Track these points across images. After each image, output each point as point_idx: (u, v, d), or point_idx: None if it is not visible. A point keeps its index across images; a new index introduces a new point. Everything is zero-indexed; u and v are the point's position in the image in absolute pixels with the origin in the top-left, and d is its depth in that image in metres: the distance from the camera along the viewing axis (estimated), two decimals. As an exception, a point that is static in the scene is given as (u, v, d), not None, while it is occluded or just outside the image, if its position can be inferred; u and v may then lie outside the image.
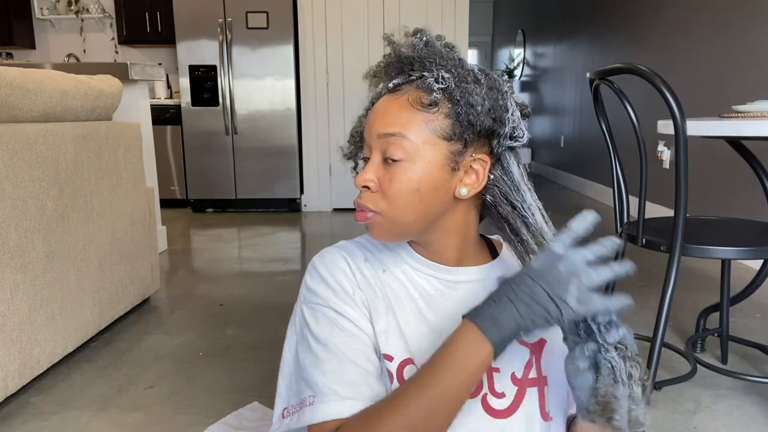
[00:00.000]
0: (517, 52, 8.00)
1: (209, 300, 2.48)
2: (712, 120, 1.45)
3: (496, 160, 0.76)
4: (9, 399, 1.60)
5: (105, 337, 2.06)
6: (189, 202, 4.78)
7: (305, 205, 4.77)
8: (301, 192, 4.76)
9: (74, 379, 1.75)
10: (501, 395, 0.77)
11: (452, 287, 0.80)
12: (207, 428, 1.33)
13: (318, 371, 0.73)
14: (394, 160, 0.72)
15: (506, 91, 0.75)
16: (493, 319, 0.66)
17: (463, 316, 0.69)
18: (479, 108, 0.71)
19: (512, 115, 0.74)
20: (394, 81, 0.75)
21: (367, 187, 0.74)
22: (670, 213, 1.48)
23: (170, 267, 3.06)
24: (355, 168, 0.84)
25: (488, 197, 0.78)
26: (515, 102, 0.76)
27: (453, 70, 0.73)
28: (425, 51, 0.74)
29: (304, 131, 4.67)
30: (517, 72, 8.01)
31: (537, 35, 7.24)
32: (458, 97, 0.71)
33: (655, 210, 3.74)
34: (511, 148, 0.77)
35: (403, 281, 0.80)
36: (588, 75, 1.60)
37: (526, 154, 7.68)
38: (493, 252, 0.86)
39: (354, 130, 0.83)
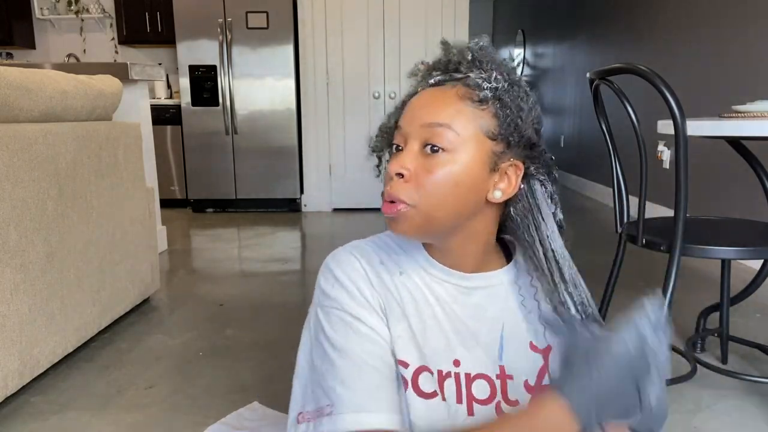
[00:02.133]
0: (517, 52, 8.00)
1: (209, 300, 2.48)
2: (712, 120, 1.45)
3: (526, 173, 0.76)
4: (9, 399, 1.59)
5: (105, 337, 2.05)
6: (189, 202, 4.77)
7: (305, 205, 4.77)
8: (301, 192, 4.76)
9: (74, 379, 1.75)
10: (515, 402, 0.76)
11: (467, 293, 0.78)
12: (207, 428, 1.33)
13: (334, 379, 0.71)
14: (436, 150, 0.69)
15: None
16: (592, 403, 0.60)
17: (553, 382, 0.65)
18: (526, 114, 0.72)
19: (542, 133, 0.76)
20: (438, 77, 0.74)
21: (401, 176, 0.70)
22: (670, 213, 1.48)
23: (170, 267, 3.06)
24: (378, 166, 0.82)
25: (512, 208, 0.77)
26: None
27: (505, 74, 0.73)
28: (480, 53, 0.74)
29: (304, 131, 4.67)
30: (517, 72, 8.01)
31: (537, 35, 7.24)
32: (508, 100, 0.71)
33: (655, 210, 3.74)
34: (539, 176, 0.77)
35: (419, 285, 0.78)
36: (588, 75, 1.60)
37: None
38: (507, 253, 0.85)
39: (384, 126, 0.80)
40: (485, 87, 0.70)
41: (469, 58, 0.73)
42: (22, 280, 1.58)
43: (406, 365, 0.74)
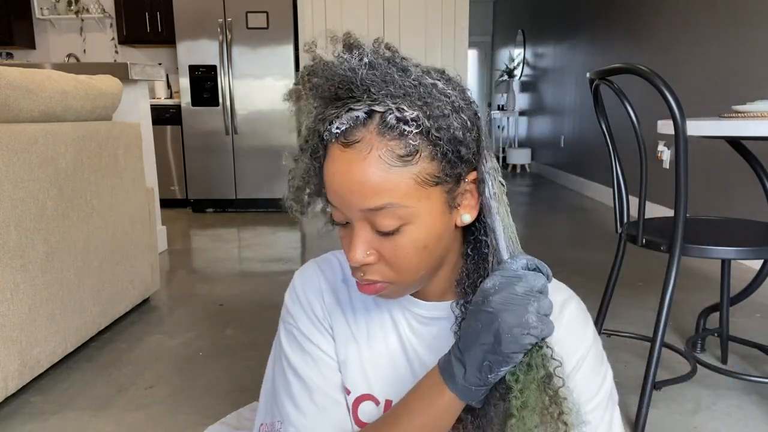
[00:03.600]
0: (517, 52, 8.00)
1: (209, 300, 2.48)
2: (712, 120, 1.45)
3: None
4: (9, 399, 1.59)
5: (105, 337, 2.05)
6: (189, 202, 4.77)
7: (305, 205, 4.76)
8: (301, 192, 4.75)
9: (74, 379, 1.75)
10: None
11: (426, 323, 0.73)
12: (207, 428, 1.33)
13: (287, 397, 0.72)
14: (392, 233, 0.60)
15: (471, 98, 0.64)
16: (450, 367, 0.60)
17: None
18: (465, 135, 0.60)
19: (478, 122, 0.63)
20: (341, 127, 0.58)
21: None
22: (670, 213, 1.48)
23: (170, 267, 3.06)
24: (328, 223, 0.69)
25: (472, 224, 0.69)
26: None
27: (418, 101, 0.58)
28: (369, 76, 0.58)
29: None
30: (517, 72, 8.01)
31: (537, 35, 7.24)
32: (437, 135, 0.58)
33: (655, 210, 3.74)
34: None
35: (380, 307, 0.74)
36: (588, 75, 1.60)
37: (526, 154, 7.68)
38: None
39: (294, 182, 0.68)
40: (407, 131, 0.57)
41: (361, 79, 0.58)
42: (22, 280, 1.58)
43: (348, 392, 0.73)
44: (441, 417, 0.62)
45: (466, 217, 0.65)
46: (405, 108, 0.57)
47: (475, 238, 0.68)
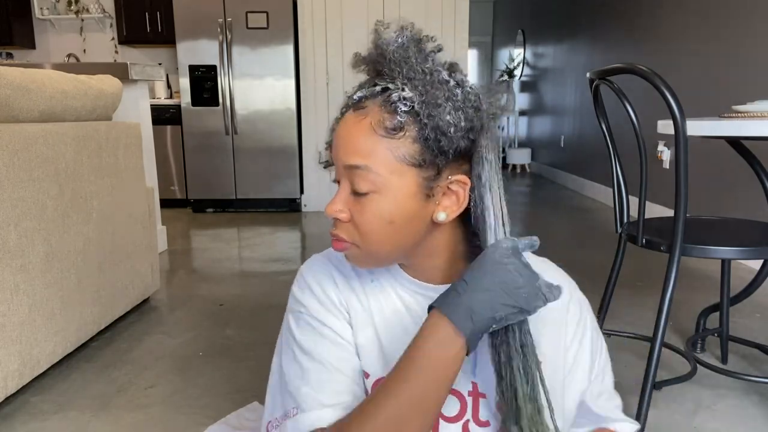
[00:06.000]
0: (517, 52, 8.00)
1: (209, 300, 2.48)
2: (712, 120, 1.45)
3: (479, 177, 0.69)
4: (9, 399, 1.59)
5: (105, 337, 2.05)
6: (189, 202, 4.77)
7: (305, 205, 4.77)
8: (301, 192, 4.76)
9: (74, 379, 1.75)
10: (485, 423, 0.73)
11: None
12: (207, 428, 1.33)
13: (302, 381, 0.71)
14: (362, 193, 0.66)
15: (498, 99, 0.69)
16: (467, 311, 0.60)
17: (431, 307, 0.64)
18: (451, 131, 0.63)
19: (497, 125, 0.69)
20: (359, 93, 0.68)
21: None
22: (670, 213, 1.48)
23: (170, 267, 3.06)
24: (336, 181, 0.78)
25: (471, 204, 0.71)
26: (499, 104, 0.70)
27: (420, 87, 0.64)
28: (395, 55, 0.66)
29: (304, 131, 4.67)
30: (517, 72, 8.01)
31: (537, 35, 7.24)
32: (425, 121, 0.63)
33: (655, 210, 3.74)
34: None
35: (391, 294, 0.76)
36: (588, 75, 1.60)
37: (526, 154, 7.68)
38: None
39: (330, 138, 0.77)
40: (400, 109, 0.63)
41: (391, 59, 0.66)
42: (22, 280, 1.58)
43: (367, 376, 0.73)
44: (451, 371, 0.63)
45: (441, 215, 0.67)
46: (407, 88, 0.64)
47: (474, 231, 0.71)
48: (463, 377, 0.74)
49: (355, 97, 0.68)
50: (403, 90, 0.64)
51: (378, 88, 0.66)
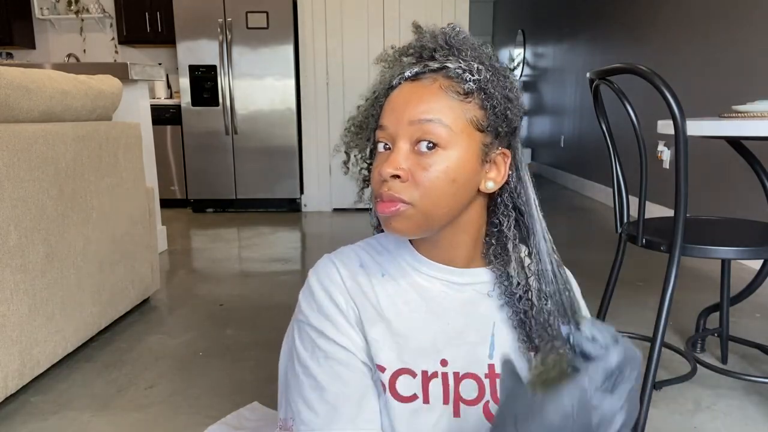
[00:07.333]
0: (517, 52, 8.00)
1: (209, 300, 2.48)
2: (712, 120, 1.45)
3: (514, 159, 0.76)
4: (9, 399, 1.59)
5: (105, 337, 2.05)
6: (189, 202, 4.77)
7: (305, 205, 4.77)
8: (301, 192, 4.76)
9: (74, 379, 1.75)
10: None
11: (457, 289, 0.77)
12: (207, 428, 1.33)
13: (298, 395, 0.73)
14: (432, 147, 0.67)
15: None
16: None
17: None
18: (513, 104, 0.71)
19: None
20: (415, 70, 0.71)
21: (397, 177, 0.68)
22: (670, 213, 1.48)
23: (170, 267, 3.06)
24: (346, 162, 0.80)
25: (499, 198, 0.76)
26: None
27: (487, 63, 0.72)
28: (456, 39, 0.72)
29: (304, 131, 4.67)
30: (517, 72, 8.01)
31: (537, 35, 7.24)
32: (493, 90, 0.69)
33: (655, 210, 3.74)
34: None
35: (403, 286, 0.76)
36: (588, 75, 1.60)
37: (526, 154, 7.68)
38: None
39: (355, 120, 0.78)
40: (468, 79, 0.69)
41: (445, 45, 0.72)
42: (22, 280, 1.58)
43: (383, 369, 0.73)
44: None
45: (490, 184, 0.73)
46: (473, 65, 0.70)
47: (499, 214, 0.77)
48: (478, 362, 0.76)
49: (408, 73, 0.71)
50: (467, 66, 0.69)
51: (435, 65, 0.70)
